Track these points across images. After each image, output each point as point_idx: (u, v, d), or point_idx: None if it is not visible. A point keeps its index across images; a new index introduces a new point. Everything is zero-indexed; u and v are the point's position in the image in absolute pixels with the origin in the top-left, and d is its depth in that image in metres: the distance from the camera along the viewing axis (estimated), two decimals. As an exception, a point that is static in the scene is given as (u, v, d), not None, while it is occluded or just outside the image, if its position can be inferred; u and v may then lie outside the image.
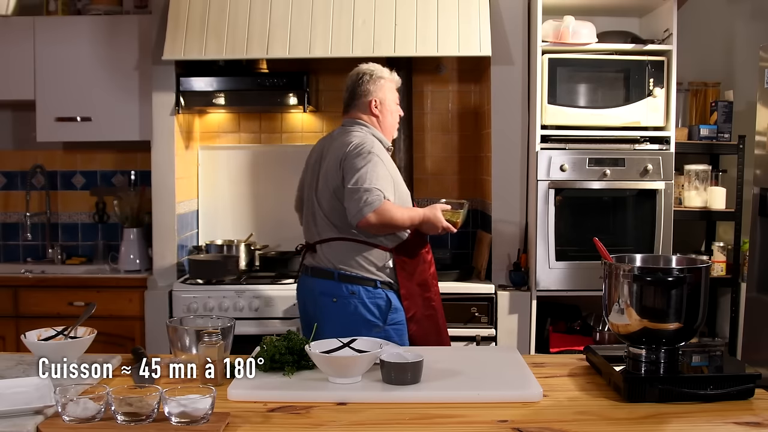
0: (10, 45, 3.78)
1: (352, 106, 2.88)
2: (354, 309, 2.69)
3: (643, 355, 1.87)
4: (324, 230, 2.77)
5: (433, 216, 2.72)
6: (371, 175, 2.63)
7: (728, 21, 3.95)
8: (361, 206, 2.59)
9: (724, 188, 3.63)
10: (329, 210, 2.75)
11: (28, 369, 1.93)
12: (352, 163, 2.67)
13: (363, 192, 2.60)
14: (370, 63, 2.95)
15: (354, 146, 2.70)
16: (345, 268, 2.72)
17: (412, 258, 2.76)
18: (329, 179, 2.74)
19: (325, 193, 2.76)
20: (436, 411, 1.69)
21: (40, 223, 4.21)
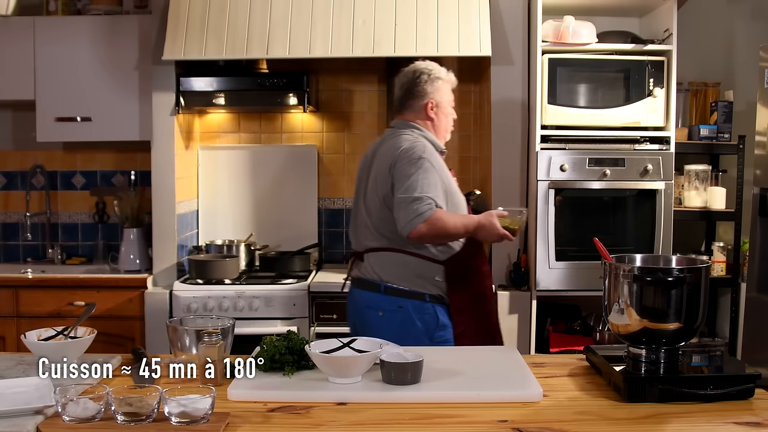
0: (10, 45, 3.78)
1: (405, 106, 2.75)
2: (400, 324, 2.57)
3: (643, 355, 1.87)
4: (371, 240, 2.67)
5: (489, 223, 2.54)
6: (422, 183, 2.50)
7: (728, 21, 3.95)
8: (411, 217, 2.47)
9: (724, 188, 3.63)
10: (378, 219, 2.64)
11: (28, 369, 1.93)
12: (403, 170, 2.54)
13: (414, 201, 2.48)
14: (426, 61, 2.81)
15: (404, 151, 2.57)
16: (392, 280, 2.60)
17: (464, 270, 2.61)
18: (378, 186, 2.62)
19: (374, 201, 2.64)
20: (436, 411, 1.69)
21: (40, 223, 4.21)
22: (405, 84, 2.75)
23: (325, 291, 3.53)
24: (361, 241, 2.71)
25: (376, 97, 4.17)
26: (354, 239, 2.79)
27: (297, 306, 3.51)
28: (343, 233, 4.21)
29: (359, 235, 2.73)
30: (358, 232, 2.74)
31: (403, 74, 2.77)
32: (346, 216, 4.20)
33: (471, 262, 2.63)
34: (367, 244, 2.68)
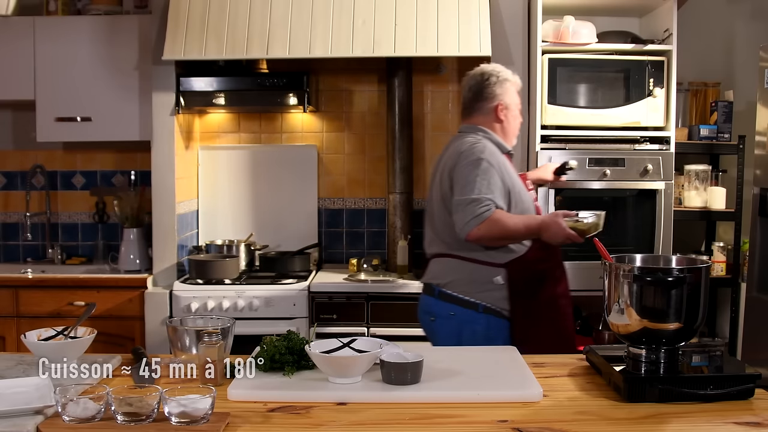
0: (10, 45, 3.78)
1: (474, 109, 2.72)
2: (450, 332, 2.54)
3: (643, 355, 1.87)
4: (434, 245, 2.66)
5: (554, 223, 2.43)
6: (480, 184, 2.46)
7: (728, 21, 3.95)
8: (469, 218, 2.43)
9: (724, 188, 3.63)
10: (440, 223, 2.62)
11: (28, 369, 1.93)
12: (462, 172, 2.51)
13: (471, 202, 2.45)
14: (491, 63, 2.78)
15: (464, 153, 2.55)
16: (447, 286, 2.58)
17: (531, 274, 2.53)
18: (441, 189, 2.61)
19: (436, 206, 2.63)
20: (436, 411, 1.69)
21: (40, 223, 4.21)
22: (473, 86, 2.72)
23: (325, 291, 3.53)
24: (430, 248, 2.72)
25: (376, 97, 4.17)
26: (425, 245, 2.78)
27: (297, 306, 3.51)
28: (343, 233, 4.21)
29: (427, 241, 2.74)
30: (426, 239, 2.75)
31: (471, 77, 2.75)
32: (346, 216, 4.20)
33: (539, 267, 2.55)
34: (431, 250, 2.68)
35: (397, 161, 3.91)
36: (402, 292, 3.52)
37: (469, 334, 2.53)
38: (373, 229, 4.20)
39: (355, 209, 4.21)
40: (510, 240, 2.52)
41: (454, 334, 2.55)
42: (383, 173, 4.12)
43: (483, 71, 2.73)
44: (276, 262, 3.86)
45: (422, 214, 4.13)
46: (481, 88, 2.71)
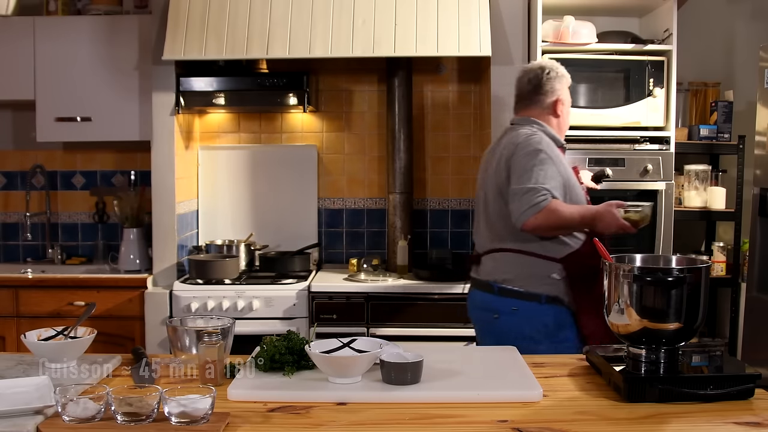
0: (10, 45, 3.78)
1: (533, 102, 2.72)
2: (517, 326, 2.52)
3: (643, 355, 1.87)
4: (487, 240, 2.65)
5: (608, 213, 2.46)
6: (537, 174, 2.47)
7: (728, 21, 3.95)
8: (525, 207, 2.43)
9: (724, 188, 3.63)
10: (496, 216, 2.61)
11: (28, 369, 1.93)
12: (519, 162, 2.52)
13: (528, 192, 2.44)
14: (544, 58, 2.81)
15: (521, 144, 2.55)
16: (506, 281, 2.56)
17: (584, 270, 2.49)
18: (496, 181, 2.60)
19: (491, 198, 2.62)
20: (436, 411, 1.69)
21: (40, 223, 4.21)
22: (533, 80, 2.73)
23: (325, 291, 3.53)
24: (483, 244, 2.70)
25: (376, 97, 4.17)
26: (476, 242, 2.77)
27: (297, 306, 3.51)
28: (343, 233, 4.21)
29: (480, 237, 2.72)
30: (479, 235, 2.73)
31: (529, 70, 2.76)
32: (346, 216, 4.20)
33: (592, 262, 2.46)
34: (486, 245, 2.66)
35: (397, 161, 3.91)
36: (402, 292, 3.52)
37: (537, 327, 2.53)
38: (373, 229, 4.20)
39: (355, 209, 4.21)
40: (565, 230, 2.52)
41: (518, 329, 2.54)
42: (383, 173, 4.12)
43: (542, 65, 2.75)
44: (276, 262, 3.86)
45: (422, 214, 4.16)
46: (541, 82, 2.71)
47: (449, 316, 3.49)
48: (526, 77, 2.75)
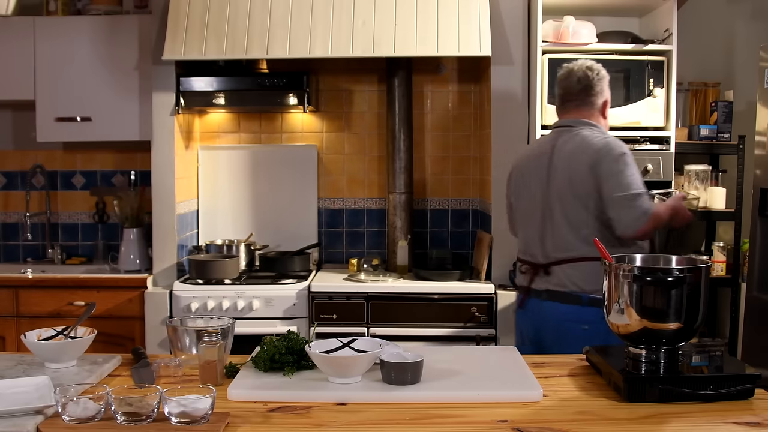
0: (10, 45, 3.79)
1: (583, 103, 2.68)
2: (607, 335, 2.43)
3: (643, 355, 1.87)
4: (563, 249, 2.55)
5: (680, 206, 2.52)
6: (634, 178, 2.45)
7: (728, 21, 3.95)
8: (638, 214, 2.43)
9: (724, 188, 3.63)
10: (577, 224, 2.54)
11: (28, 369, 1.93)
12: (611, 168, 2.47)
13: (635, 198, 2.43)
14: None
15: (605, 149, 2.50)
16: (596, 291, 2.43)
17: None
18: (575, 188, 2.53)
19: (572, 206, 2.54)
20: (436, 411, 1.69)
21: (40, 223, 4.21)
22: (583, 80, 2.68)
23: (325, 291, 3.53)
24: (549, 253, 2.59)
25: (376, 97, 4.17)
26: (535, 250, 2.65)
27: (297, 306, 3.51)
28: (343, 233, 4.21)
29: (546, 245, 2.59)
30: (544, 242, 2.60)
31: (577, 70, 2.71)
32: (346, 216, 4.20)
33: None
34: (557, 255, 2.56)
35: (397, 161, 3.91)
36: (402, 292, 3.52)
37: None
38: (373, 229, 4.20)
39: (355, 209, 4.21)
40: (661, 228, 2.56)
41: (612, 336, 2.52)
42: (383, 173, 4.12)
43: (590, 66, 2.71)
44: (276, 262, 3.86)
45: (422, 214, 4.16)
46: (591, 82, 2.68)
47: (449, 316, 3.49)
48: (574, 77, 2.70)
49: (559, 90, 2.77)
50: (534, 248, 2.67)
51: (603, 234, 2.48)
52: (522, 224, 2.75)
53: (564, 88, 2.74)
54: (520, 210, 2.76)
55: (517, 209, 2.80)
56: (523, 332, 2.73)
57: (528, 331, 2.69)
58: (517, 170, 2.80)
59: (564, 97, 2.74)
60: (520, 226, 2.78)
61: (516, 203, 2.80)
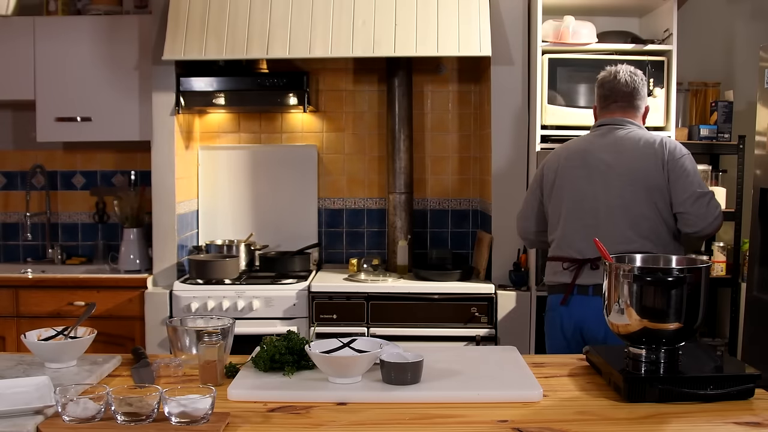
0: (10, 45, 3.78)
1: (630, 106, 2.73)
2: None
3: (643, 355, 1.87)
4: (622, 242, 2.54)
5: None
6: (700, 178, 2.60)
7: (728, 21, 3.95)
8: (717, 212, 2.55)
9: (724, 188, 3.62)
10: (638, 218, 2.56)
11: (28, 369, 1.93)
12: (686, 166, 2.55)
13: (709, 197, 2.56)
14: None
15: (671, 147, 2.59)
16: None
17: None
18: (648, 182, 2.57)
19: (637, 200, 2.57)
20: (436, 411, 1.69)
21: (40, 223, 4.21)
22: (630, 84, 2.73)
23: (325, 291, 3.53)
24: (615, 245, 2.51)
25: (376, 97, 4.17)
26: (581, 245, 2.63)
27: (297, 306, 3.51)
28: (343, 233, 4.21)
29: (607, 238, 2.47)
30: (602, 235, 2.49)
31: (626, 73, 2.74)
32: (346, 216, 4.20)
33: None
34: (612, 249, 2.47)
35: (397, 161, 3.91)
36: (402, 292, 3.52)
37: None
38: (373, 229, 4.20)
39: (355, 209, 4.21)
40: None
41: None
42: (383, 173, 4.12)
43: (635, 70, 2.77)
44: (276, 262, 3.86)
45: (422, 214, 4.16)
46: (638, 87, 2.74)
47: (449, 316, 3.49)
48: (622, 79, 2.73)
49: (603, 90, 2.79)
50: (580, 243, 2.64)
51: (661, 228, 2.58)
52: (565, 220, 2.70)
53: (610, 89, 2.76)
54: (564, 206, 2.71)
55: (555, 206, 2.76)
56: (564, 329, 2.69)
57: (569, 328, 2.67)
58: (560, 167, 2.75)
59: (609, 98, 2.77)
60: (559, 222, 2.72)
61: (555, 200, 2.75)
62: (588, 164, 2.69)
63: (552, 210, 2.79)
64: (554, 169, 2.78)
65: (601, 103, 2.81)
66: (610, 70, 2.80)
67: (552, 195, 2.78)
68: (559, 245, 2.73)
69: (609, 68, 2.81)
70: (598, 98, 2.83)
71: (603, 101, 2.80)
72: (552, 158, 2.84)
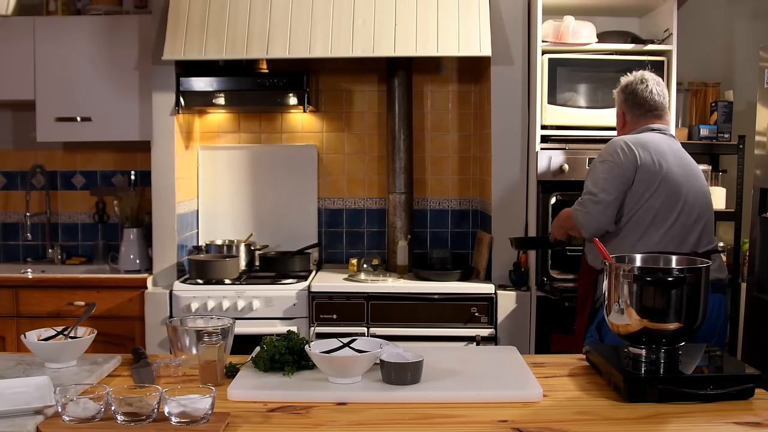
0: (10, 45, 3.78)
1: (664, 113, 2.84)
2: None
3: (643, 355, 1.87)
4: (708, 242, 2.70)
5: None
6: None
7: (728, 21, 3.95)
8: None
9: (724, 188, 3.63)
10: (707, 219, 2.73)
11: (28, 369, 1.93)
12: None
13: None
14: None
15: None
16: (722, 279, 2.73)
17: None
18: (704, 188, 2.76)
19: (705, 201, 2.73)
20: (436, 411, 1.69)
21: (40, 223, 4.21)
22: (661, 93, 2.82)
23: (325, 291, 3.53)
24: (702, 246, 2.67)
25: (376, 97, 4.17)
26: (682, 245, 2.64)
27: (297, 306, 3.51)
28: (343, 233, 4.21)
29: (700, 238, 2.67)
30: (692, 236, 2.66)
31: (657, 82, 2.82)
32: (346, 216, 4.20)
33: None
34: (707, 247, 2.69)
35: (397, 161, 3.91)
36: (402, 292, 3.52)
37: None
38: (373, 229, 4.20)
39: (355, 209, 4.21)
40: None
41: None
42: (383, 173, 4.12)
43: (661, 80, 2.86)
44: (276, 262, 3.86)
45: (422, 214, 4.16)
46: (667, 98, 2.86)
47: (449, 316, 3.49)
48: (656, 88, 2.80)
49: (637, 97, 2.81)
50: (679, 244, 2.64)
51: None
52: (661, 220, 2.66)
53: (644, 98, 2.81)
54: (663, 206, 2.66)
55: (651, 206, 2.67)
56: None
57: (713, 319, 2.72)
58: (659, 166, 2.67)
59: (642, 107, 2.82)
60: (657, 222, 2.66)
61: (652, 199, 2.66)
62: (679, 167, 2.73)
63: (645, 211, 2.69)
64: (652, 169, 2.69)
65: (638, 110, 2.84)
66: (644, 76, 2.85)
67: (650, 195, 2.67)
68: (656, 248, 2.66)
69: (641, 75, 2.85)
70: (639, 104, 2.82)
71: (640, 108, 2.83)
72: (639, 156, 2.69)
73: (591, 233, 2.67)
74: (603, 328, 2.68)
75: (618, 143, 2.71)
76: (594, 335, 2.75)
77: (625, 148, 2.68)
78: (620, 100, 2.88)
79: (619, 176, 2.66)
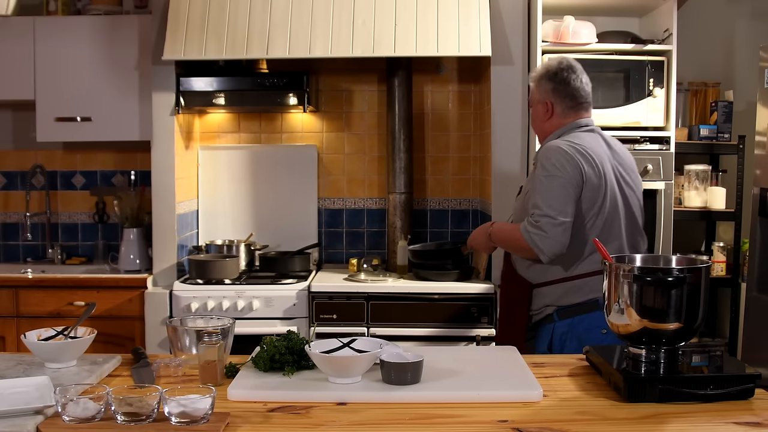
0: (10, 45, 3.78)
1: (590, 106, 2.71)
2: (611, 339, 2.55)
3: (643, 355, 1.87)
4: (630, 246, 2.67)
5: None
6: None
7: (728, 21, 3.95)
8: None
9: (724, 188, 3.63)
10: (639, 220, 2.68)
11: (28, 369, 1.93)
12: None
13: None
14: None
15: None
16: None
17: None
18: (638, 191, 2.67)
19: (640, 206, 2.66)
20: (436, 411, 1.69)
21: (40, 223, 4.21)
22: (589, 82, 2.68)
23: (324, 291, 3.53)
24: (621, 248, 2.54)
25: (376, 97, 4.17)
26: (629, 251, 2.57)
27: (297, 306, 3.51)
28: (343, 233, 4.21)
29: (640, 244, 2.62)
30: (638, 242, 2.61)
31: (581, 70, 2.67)
32: (346, 216, 4.20)
33: None
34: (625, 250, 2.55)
35: (397, 161, 3.91)
36: (402, 292, 3.52)
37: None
38: (373, 229, 4.20)
39: (355, 209, 4.21)
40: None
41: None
42: (383, 173, 4.12)
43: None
44: (276, 262, 3.86)
45: (422, 214, 4.16)
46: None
47: (449, 316, 3.49)
48: (584, 77, 2.64)
49: (576, 90, 2.64)
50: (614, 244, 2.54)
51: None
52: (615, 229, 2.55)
53: (580, 89, 2.64)
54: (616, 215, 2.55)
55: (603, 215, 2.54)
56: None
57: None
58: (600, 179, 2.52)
59: (578, 97, 2.64)
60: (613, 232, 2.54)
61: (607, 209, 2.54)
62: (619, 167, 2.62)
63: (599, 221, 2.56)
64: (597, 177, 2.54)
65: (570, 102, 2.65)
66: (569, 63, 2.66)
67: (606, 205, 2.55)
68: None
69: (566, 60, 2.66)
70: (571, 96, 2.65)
71: (578, 101, 2.65)
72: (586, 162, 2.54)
73: (550, 257, 2.48)
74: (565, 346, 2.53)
75: (560, 153, 2.50)
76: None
77: (571, 161, 2.48)
78: (547, 89, 2.65)
79: (573, 194, 2.48)
